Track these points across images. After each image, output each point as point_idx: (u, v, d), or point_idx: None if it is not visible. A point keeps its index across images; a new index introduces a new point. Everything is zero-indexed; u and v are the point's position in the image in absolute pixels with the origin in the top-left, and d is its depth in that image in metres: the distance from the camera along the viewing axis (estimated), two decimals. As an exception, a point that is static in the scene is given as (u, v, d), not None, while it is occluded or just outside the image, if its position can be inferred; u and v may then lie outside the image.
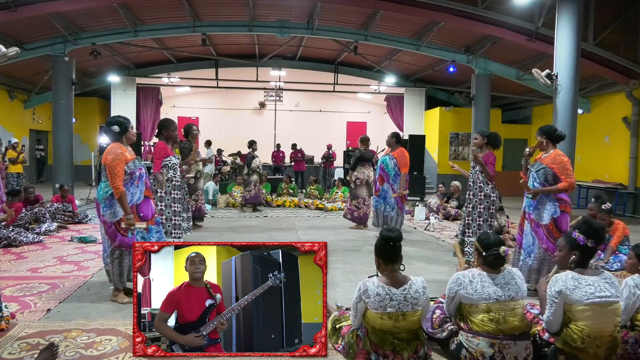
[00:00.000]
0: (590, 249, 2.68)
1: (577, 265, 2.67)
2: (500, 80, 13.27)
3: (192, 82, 16.53)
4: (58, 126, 11.05)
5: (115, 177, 3.62)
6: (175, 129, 5.35)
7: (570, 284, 2.54)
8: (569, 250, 2.71)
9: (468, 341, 2.63)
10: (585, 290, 2.52)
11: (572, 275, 2.59)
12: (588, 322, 2.50)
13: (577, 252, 2.67)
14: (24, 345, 2.98)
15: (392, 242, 2.63)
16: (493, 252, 2.71)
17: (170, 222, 5.11)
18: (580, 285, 2.54)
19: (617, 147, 11.56)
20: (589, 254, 2.70)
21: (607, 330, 2.52)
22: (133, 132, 3.95)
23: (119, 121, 3.83)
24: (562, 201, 4.09)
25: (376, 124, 19.24)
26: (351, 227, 7.90)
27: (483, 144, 5.28)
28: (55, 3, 9.03)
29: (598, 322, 2.51)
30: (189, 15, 10.75)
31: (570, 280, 2.56)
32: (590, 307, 2.50)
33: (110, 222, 3.71)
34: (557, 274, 2.67)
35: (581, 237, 2.67)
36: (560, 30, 7.77)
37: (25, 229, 6.52)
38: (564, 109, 7.76)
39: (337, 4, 10.18)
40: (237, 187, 11.21)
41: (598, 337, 2.51)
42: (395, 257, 2.65)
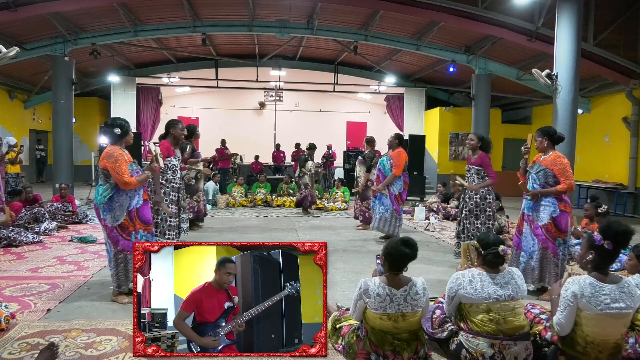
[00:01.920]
0: (607, 252, 2.53)
1: (595, 268, 2.56)
2: (500, 80, 13.27)
3: (192, 82, 16.52)
4: (58, 126, 11.04)
5: (123, 174, 3.60)
6: (183, 128, 5.36)
7: (587, 291, 2.46)
8: (586, 250, 2.62)
9: (468, 341, 2.63)
10: (601, 300, 2.44)
11: (590, 282, 2.49)
12: (595, 330, 2.47)
13: (593, 253, 2.56)
14: (24, 345, 2.98)
15: (405, 258, 2.60)
16: (492, 250, 2.71)
17: (165, 223, 5.09)
18: (596, 294, 2.45)
19: (617, 147, 11.56)
20: (607, 257, 2.56)
21: (612, 338, 2.50)
22: (131, 136, 3.93)
23: (121, 124, 3.80)
24: (562, 201, 4.09)
25: (376, 124, 19.23)
26: (357, 227, 7.90)
27: (477, 146, 5.32)
28: (55, 3, 9.02)
29: (605, 330, 2.48)
30: (189, 15, 10.74)
31: (588, 286, 2.47)
32: (601, 317, 2.44)
33: (112, 226, 3.68)
34: (574, 277, 2.59)
35: (598, 237, 2.57)
36: (560, 30, 7.77)
37: (25, 229, 6.52)
38: (564, 109, 7.76)
39: (337, 4, 10.18)
40: (237, 187, 11.21)
41: (602, 344, 2.49)
42: (403, 267, 2.64)
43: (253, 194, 11.21)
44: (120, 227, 3.69)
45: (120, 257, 3.74)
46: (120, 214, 3.68)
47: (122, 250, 3.72)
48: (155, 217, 4.91)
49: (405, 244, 2.60)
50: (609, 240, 2.51)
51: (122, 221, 3.69)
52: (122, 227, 3.70)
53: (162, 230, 5.06)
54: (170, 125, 5.30)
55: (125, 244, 3.71)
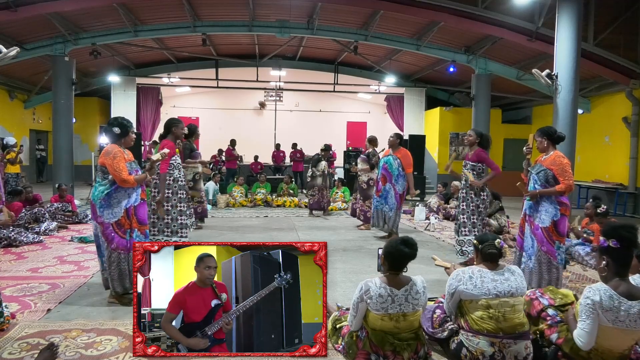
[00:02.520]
0: (617, 251, 2.44)
1: (615, 274, 2.44)
2: (500, 80, 13.27)
3: (192, 82, 16.52)
4: (58, 126, 11.05)
5: (121, 172, 3.59)
6: (183, 127, 5.33)
7: (606, 303, 2.35)
8: (599, 258, 2.54)
9: (468, 340, 2.63)
10: (617, 316, 2.35)
11: (610, 294, 2.37)
12: (603, 341, 2.42)
13: (605, 257, 2.48)
14: (24, 345, 2.98)
15: (404, 258, 2.61)
16: (488, 244, 2.72)
17: (177, 222, 4.98)
18: (614, 309, 2.35)
19: (617, 147, 11.56)
20: (620, 258, 2.45)
21: (618, 349, 2.46)
22: (132, 137, 3.91)
23: (121, 123, 3.79)
24: (562, 204, 4.08)
25: (376, 124, 19.22)
26: (359, 227, 7.90)
27: (475, 143, 5.36)
28: (55, 3, 9.02)
29: (614, 342, 2.44)
30: (189, 15, 10.75)
31: (608, 299, 2.36)
32: (614, 330, 2.38)
33: (108, 222, 3.66)
34: (591, 285, 2.48)
35: (603, 239, 2.50)
36: (561, 30, 7.77)
37: (25, 229, 6.53)
38: (564, 109, 7.76)
39: (337, 4, 10.18)
40: (237, 187, 11.21)
41: (606, 352, 2.46)
42: (403, 266, 2.64)
43: (253, 194, 11.21)
44: (117, 224, 3.67)
45: (113, 257, 3.69)
46: (118, 210, 3.66)
47: (115, 248, 3.68)
48: (165, 217, 4.89)
49: (405, 244, 2.61)
50: (612, 238, 2.45)
51: (120, 218, 3.67)
52: (119, 224, 3.67)
53: (173, 229, 4.92)
54: (171, 125, 5.24)
55: (119, 241, 3.68)
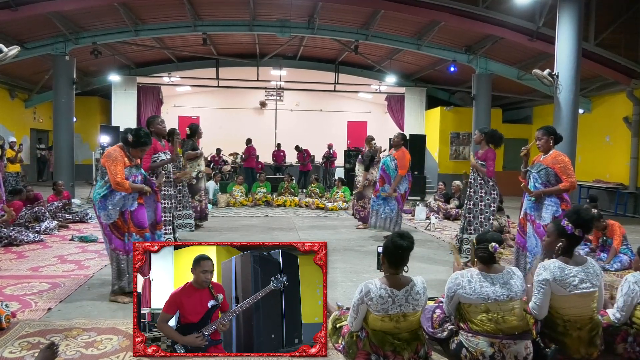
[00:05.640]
0: (576, 238, 2.80)
1: (563, 252, 2.78)
2: (501, 80, 13.26)
3: (192, 81, 16.53)
4: (59, 125, 11.06)
5: (116, 175, 3.63)
6: (161, 122, 5.26)
7: (557, 274, 2.67)
8: (556, 237, 2.85)
9: (468, 341, 2.63)
10: (569, 282, 2.66)
11: (558, 265, 2.70)
12: (569, 310, 2.68)
13: (564, 240, 2.78)
14: (24, 344, 2.99)
15: (401, 250, 2.58)
16: (482, 246, 2.70)
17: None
18: (564, 276, 2.67)
19: (617, 147, 11.55)
20: (575, 243, 2.82)
21: (586, 314, 2.69)
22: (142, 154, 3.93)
23: (137, 134, 3.79)
24: (563, 200, 4.09)
25: (377, 124, 19.20)
26: (358, 227, 7.90)
27: (481, 140, 5.41)
28: (56, 2, 9.04)
29: (578, 309, 2.68)
30: (190, 15, 10.75)
31: (557, 270, 2.68)
32: (572, 297, 2.65)
33: (106, 224, 3.72)
34: (543, 262, 2.77)
35: (569, 226, 2.79)
36: (561, 29, 7.76)
37: (26, 228, 6.53)
38: (565, 108, 7.75)
39: (337, 4, 10.17)
40: (237, 186, 11.21)
41: (578, 321, 2.68)
42: (402, 262, 2.62)
43: (253, 193, 11.21)
44: (114, 226, 3.73)
45: (113, 255, 3.79)
46: (114, 213, 3.71)
47: (114, 249, 3.77)
48: None
49: (400, 237, 2.60)
50: (579, 228, 2.78)
51: (116, 221, 3.72)
52: (116, 226, 3.74)
53: None
54: (149, 124, 5.20)
55: (117, 243, 3.75)
